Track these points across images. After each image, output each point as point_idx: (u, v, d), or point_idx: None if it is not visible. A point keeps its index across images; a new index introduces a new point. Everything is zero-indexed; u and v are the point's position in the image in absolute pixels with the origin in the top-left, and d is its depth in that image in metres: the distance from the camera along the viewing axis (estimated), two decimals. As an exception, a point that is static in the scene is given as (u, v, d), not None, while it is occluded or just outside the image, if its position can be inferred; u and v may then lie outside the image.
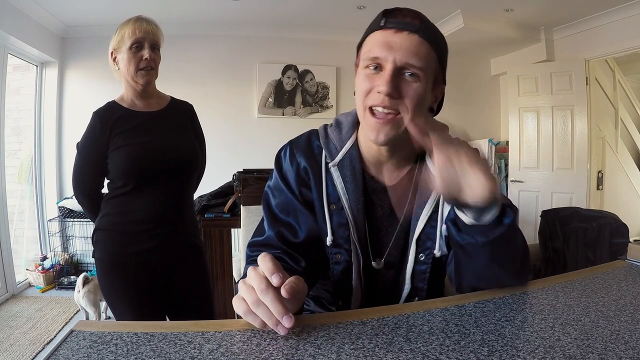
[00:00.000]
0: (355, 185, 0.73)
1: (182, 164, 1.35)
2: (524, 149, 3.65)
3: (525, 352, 0.46)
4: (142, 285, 1.28)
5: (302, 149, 0.77)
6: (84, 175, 1.31)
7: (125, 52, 1.26)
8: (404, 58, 0.63)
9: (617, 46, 3.05)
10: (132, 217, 1.28)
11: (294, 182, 0.75)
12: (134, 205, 1.28)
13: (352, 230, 0.73)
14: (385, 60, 0.64)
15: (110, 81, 3.68)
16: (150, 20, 1.31)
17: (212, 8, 3.18)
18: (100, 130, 1.24)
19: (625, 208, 3.71)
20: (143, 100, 1.34)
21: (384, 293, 0.78)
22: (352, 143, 0.75)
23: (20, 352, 2.07)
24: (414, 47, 0.64)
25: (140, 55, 1.25)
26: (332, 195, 0.74)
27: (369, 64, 0.66)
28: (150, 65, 1.28)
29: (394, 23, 0.65)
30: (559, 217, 2.01)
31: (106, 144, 1.25)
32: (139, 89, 1.30)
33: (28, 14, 2.90)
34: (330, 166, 0.74)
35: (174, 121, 1.39)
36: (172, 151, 1.32)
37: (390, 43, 0.64)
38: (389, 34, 0.65)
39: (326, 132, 0.78)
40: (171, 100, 1.45)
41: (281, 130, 3.68)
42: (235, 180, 2.22)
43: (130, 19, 1.29)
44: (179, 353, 0.46)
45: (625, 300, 0.60)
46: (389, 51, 0.63)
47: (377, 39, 0.66)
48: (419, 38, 0.64)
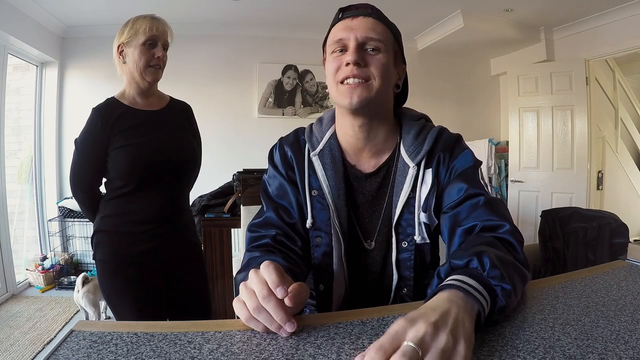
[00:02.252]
0: (335, 172, 0.78)
1: (183, 165, 1.35)
2: (524, 149, 3.65)
3: (525, 352, 0.46)
4: (144, 285, 1.28)
5: (289, 142, 0.83)
6: (83, 172, 1.29)
7: (137, 46, 1.25)
8: (364, 33, 0.72)
9: (617, 46, 3.05)
10: (133, 218, 1.27)
11: (282, 168, 0.81)
12: (135, 205, 1.27)
13: (333, 215, 0.76)
14: (347, 39, 0.72)
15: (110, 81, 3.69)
16: (165, 22, 1.33)
17: (212, 8, 3.18)
18: (101, 128, 1.23)
19: (625, 208, 3.71)
20: (144, 98, 1.33)
21: (371, 280, 0.80)
22: (331, 133, 0.81)
23: (20, 352, 2.07)
24: (371, 25, 0.73)
25: (152, 52, 1.26)
26: (314, 183, 0.78)
27: (335, 47, 0.74)
28: (159, 64, 1.29)
29: (350, 12, 0.75)
30: (559, 217, 2.01)
31: (107, 142, 1.23)
32: (143, 86, 1.29)
33: (28, 14, 2.90)
34: (312, 155, 0.79)
35: (174, 121, 1.39)
36: (173, 152, 1.31)
37: (350, 26, 0.73)
38: (347, 21, 0.74)
39: (310, 127, 0.84)
40: (170, 99, 1.45)
41: (281, 130, 3.63)
42: (235, 180, 2.22)
43: (145, 15, 1.29)
44: (179, 353, 0.46)
45: (625, 300, 0.60)
46: (350, 31, 0.72)
47: (338, 27, 0.75)
48: (373, 19, 0.74)
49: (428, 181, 0.75)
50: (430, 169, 0.76)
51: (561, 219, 2.00)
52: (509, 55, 3.95)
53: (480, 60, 4.17)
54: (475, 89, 4.23)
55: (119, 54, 1.29)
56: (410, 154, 0.76)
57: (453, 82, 4.13)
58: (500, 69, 4.08)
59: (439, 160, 0.76)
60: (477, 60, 4.16)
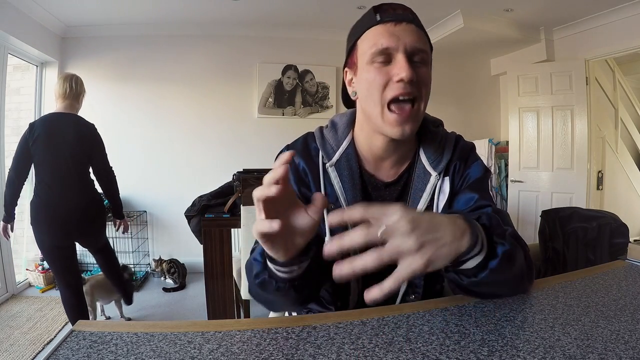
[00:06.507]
0: (353, 184, 0.74)
1: None
2: (524, 149, 3.65)
3: (525, 352, 0.46)
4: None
5: (300, 151, 0.77)
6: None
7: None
8: (413, 43, 0.65)
9: (617, 46, 3.05)
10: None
11: (293, 183, 0.75)
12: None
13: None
14: (395, 49, 0.65)
15: (110, 81, 3.70)
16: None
17: (212, 8, 3.17)
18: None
19: (625, 208, 3.71)
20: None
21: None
22: (348, 142, 0.76)
23: (20, 352, 2.07)
24: (416, 35, 0.66)
25: None
26: (330, 195, 0.74)
27: (377, 57, 0.66)
28: None
29: (391, 16, 0.67)
30: (559, 217, 2.01)
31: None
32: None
33: (28, 14, 2.90)
34: (328, 166, 0.74)
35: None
36: None
37: (395, 33, 0.65)
38: (389, 26, 0.66)
39: (322, 134, 0.78)
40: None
41: (281, 130, 3.68)
42: (235, 180, 2.22)
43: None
44: (179, 353, 0.46)
45: (625, 300, 0.60)
46: (398, 40, 0.65)
47: (379, 32, 0.66)
48: (416, 27, 0.67)
49: (446, 190, 0.74)
50: (448, 177, 0.74)
51: (561, 219, 2.00)
52: (509, 55, 3.95)
53: (480, 60, 4.17)
54: (475, 89, 4.23)
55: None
56: (432, 162, 0.74)
57: (453, 82, 4.13)
58: (500, 69, 4.07)
59: (454, 169, 0.75)
60: (477, 60, 4.16)
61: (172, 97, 3.54)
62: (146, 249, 3.57)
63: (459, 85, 4.17)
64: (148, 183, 3.55)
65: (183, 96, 3.57)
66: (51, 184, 2.00)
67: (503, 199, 3.82)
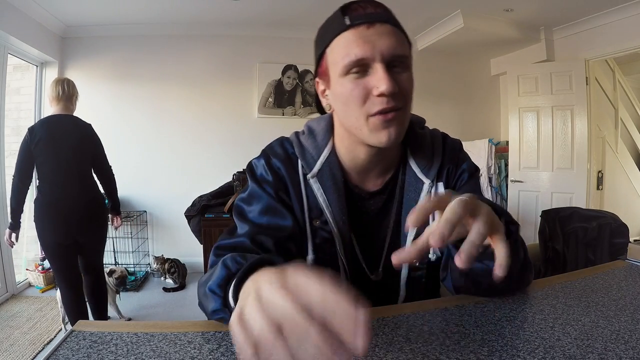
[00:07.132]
0: (337, 195, 0.68)
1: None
2: (524, 149, 3.65)
3: (525, 352, 0.46)
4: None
5: (279, 156, 0.70)
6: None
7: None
8: (391, 50, 0.57)
9: (617, 46, 3.05)
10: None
11: (272, 187, 0.68)
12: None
13: (339, 247, 0.68)
14: (372, 58, 0.57)
15: (110, 81, 3.71)
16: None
17: (212, 8, 3.17)
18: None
19: (625, 208, 3.71)
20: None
21: (379, 299, 0.75)
22: (329, 150, 0.70)
23: (20, 352, 2.07)
24: (393, 37, 0.58)
25: None
26: (313, 209, 0.68)
27: (352, 68, 0.58)
28: None
29: (362, 18, 0.58)
30: (559, 217, 2.01)
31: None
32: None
33: (28, 14, 2.90)
34: (309, 177, 0.68)
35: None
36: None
37: (369, 38, 0.57)
38: (361, 30, 0.58)
39: (299, 141, 0.71)
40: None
41: (281, 130, 3.61)
42: (235, 180, 2.22)
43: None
44: (179, 353, 0.46)
45: (625, 300, 0.60)
46: (373, 47, 0.57)
47: (351, 39, 0.58)
48: (392, 27, 0.59)
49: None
50: (441, 183, 0.71)
51: (561, 219, 2.00)
52: (508, 55, 3.95)
53: (480, 60, 4.17)
54: (475, 89, 4.23)
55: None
56: (422, 169, 0.70)
57: (453, 82, 4.13)
58: (500, 69, 4.07)
59: (448, 173, 0.72)
60: (477, 60, 4.16)
61: (173, 97, 3.54)
62: (146, 249, 3.57)
63: (459, 85, 4.17)
64: (148, 183, 3.55)
65: (183, 96, 3.57)
66: (54, 182, 2.03)
67: (503, 199, 3.82)
